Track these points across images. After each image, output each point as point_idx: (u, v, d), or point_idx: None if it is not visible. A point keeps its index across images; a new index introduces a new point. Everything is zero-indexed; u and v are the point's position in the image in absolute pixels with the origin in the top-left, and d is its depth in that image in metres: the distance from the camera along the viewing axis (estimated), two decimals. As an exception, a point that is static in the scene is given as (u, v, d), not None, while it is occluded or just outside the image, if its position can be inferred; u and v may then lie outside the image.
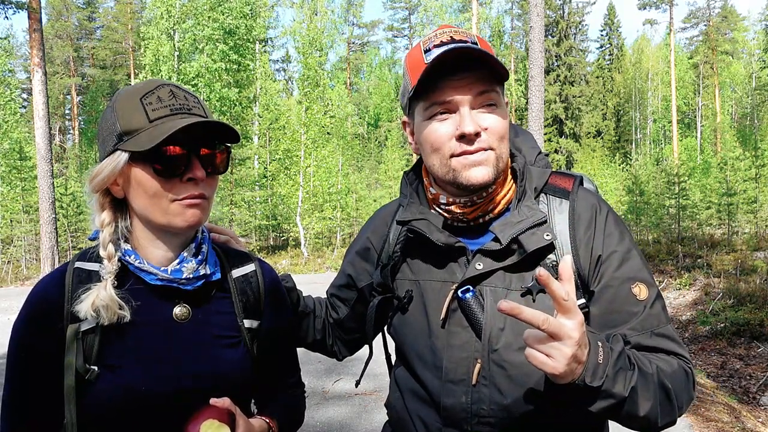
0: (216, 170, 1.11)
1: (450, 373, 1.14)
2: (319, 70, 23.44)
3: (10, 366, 1.11)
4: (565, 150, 41.29)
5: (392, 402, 1.31)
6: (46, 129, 15.39)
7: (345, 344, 1.49)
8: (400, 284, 1.26)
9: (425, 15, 37.93)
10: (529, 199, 1.18)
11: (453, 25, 1.19)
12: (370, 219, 1.45)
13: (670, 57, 39.50)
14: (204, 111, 1.09)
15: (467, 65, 1.09)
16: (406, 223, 1.22)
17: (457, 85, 1.10)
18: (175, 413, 1.04)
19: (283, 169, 25.22)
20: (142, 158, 1.05)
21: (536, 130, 12.04)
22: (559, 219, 1.17)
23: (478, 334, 1.13)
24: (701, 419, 4.35)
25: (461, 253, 1.18)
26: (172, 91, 1.07)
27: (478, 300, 1.14)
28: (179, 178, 1.06)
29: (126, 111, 1.06)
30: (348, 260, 1.44)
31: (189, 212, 1.07)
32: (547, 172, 1.23)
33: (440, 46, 1.12)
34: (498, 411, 1.11)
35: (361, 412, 4.55)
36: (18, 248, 21.45)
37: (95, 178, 1.08)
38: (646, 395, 1.01)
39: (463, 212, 1.19)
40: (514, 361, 1.10)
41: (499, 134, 1.13)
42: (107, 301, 1.04)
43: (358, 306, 1.40)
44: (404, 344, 1.25)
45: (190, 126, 1.02)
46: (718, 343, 6.78)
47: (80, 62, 47.50)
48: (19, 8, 16.75)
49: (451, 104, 1.11)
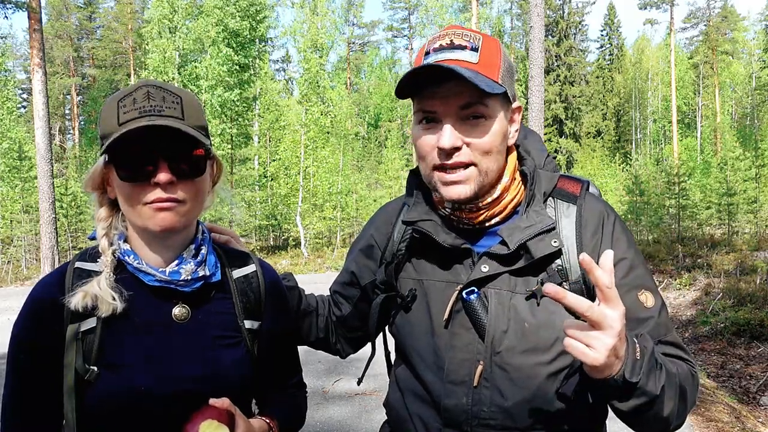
0: (186, 174, 1.07)
1: (452, 374, 1.14)
2: (319, 70, 23.44)
3: (9, 366, 1.11)
4: (565, 150, 41.29)
5: (391, 402, 1.31)
6: (46, 129, 15.39)
7: (348, 342, 1.49)
8: (404, 283, 1.26)
9: (425, 15, 37.96)
10: (537, 204, 1.17)
11: (460, 26, 1.16)
12: (373, 216, 1.44)
13: (670, 57, 39.51)
14: (182, 112, 1.05)
15: (451, 76, 1.06)
16: (412, 223, 1.22)
17: (440, 96, 1.09)
18: (175, 413, 1.04)
19: (283, 169, 25.21)
20: (111, 162, 1.06)
21: (536, 130, 12.03)
22: (566, 223, 1.16)
23: (482, 335, 1.12)
24: (701, 419, 4.35)
25: (466, 254, 1.18)
26: (148, 92, 1.05)
27: (482, 302, 1.13)
28: (147, 181, 1.04)
29: (105, 114, 1.06)
30: (351, 257, 1.43)
31: (159, 216, 1.05)
32: (555, 176, 1.22)
33: (438, 50, 1.11)
34: (498, 413, 1.11)
35: (361, 412, 4.55)
36: (18, 248, 21.44)
37: (87, 178, 1.12)
38: (671, 395, 1.02)
39: (469, 217, 1.18)
40: (517, 363, 1.10)
41: (483, 149, 1.10)
42: (100, 291, 1.04)
43: (361, 304, 1.39)
44: (406, 343, 1.25)
45: (152, 128, 1.00)
46: (718, 343, 6.78)
47: (80, 62, 47.51)
48: (19, 8, 16.75)
49: (436, 115, 1.11)
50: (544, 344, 1.11)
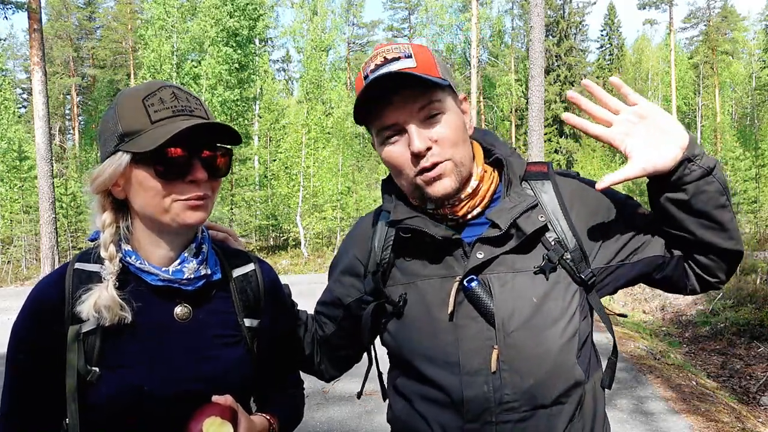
0: (218, 172, 1.12)
1: (467, 365, 1.13)
2: (320, 70, 23.44)
3: (9, 366, 1.11)
4: (565, 150, 41.27)
5: (397, 413, 1.27)
6: (46, 129, 15.39)
7: (332, 362, 1.46)
8: (392, 291, 1.25)
9: (425, 15, 37.96)
10: (516, 186, 1.22)
11: (385, 43, 1.21)
12: (348, 236, 1.43)
13: (670, 57, 39.52)
14: (206, 112, 1.10)
15: (401, 83, 1.11)
16: (400, 222, 1.22)
17: (396, 107, 1.13)
18: (176, 414, 1.04)
19: (283, 169, 25.22)
20: (144, 159, 1.05)
21: (536, 130, 12.04)
22: (546, 198, 1.21)
23: (489, 321, 1.13)
24: (701, 419, 4.35)
25: (456, 246, 1.19)
26: (174, 92, 1.08)
27: (484, 288, 1.14)
28: (181, 180, 1.06)
29: (128, 112, 1.06)
30: (334, 278, 1.42)
31: (191, 212, 1.08)
32: (524, 162, 1.27)
33: (375, 70, 1.14)
34: (521, 394, 1.11)
35: (361, 413, 4.55)
36: (18, 248, 21.46)
37: (97, 179, 1.08)
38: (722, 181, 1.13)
39: (452, 211, 1.21)
40: (531, 340, 1.12)
41: (450, 142, 1.14)
42: (109, 302, 1.04)
43: (345, 322, 1.38)
44: (405, 349, 1.22)
45: (191, 128, 1.03)
46: (719, 343, 6.79)
47: (80, 62, 47.49)
48: (19, 8, 16.77)
49: (398, 126, 1.14)
50: (554, 315, 1.14)
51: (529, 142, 12.23)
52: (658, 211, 1.18)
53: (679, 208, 1.13)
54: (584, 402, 1.17)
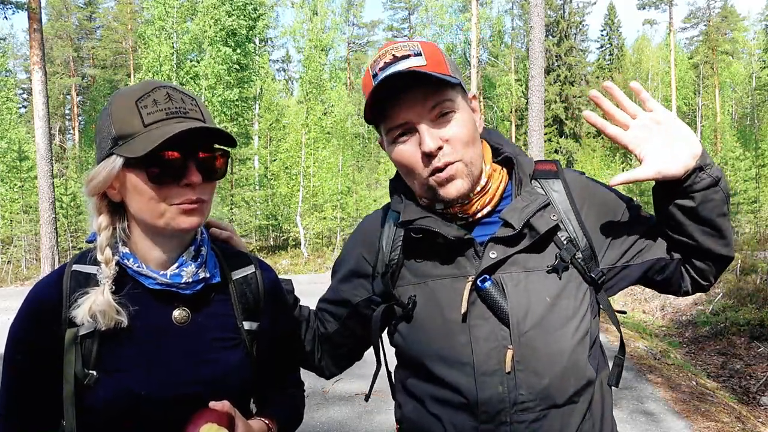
0: (214, 175, 1.10)
1: (481, 366, 1.12)
2: (320, 70, 23.44)
3: (7, 367, 1.10)
4: (566, 150, 41.27)
5: (407, 414, 1.26)
6: (46, 129, 15.38)
7: (333, 359, 1.45)
8: (402, 291, 1.23)
9: (425, 15, 37.94)
10: (527, 185, 1.22)
11: (393, 41, 1.20)
12: (355, 234, 1.41)
13: (670, 57, 39.49)
14: (201, 114, 1.07)
15: (412, 81, 1.10)
16: (411, 222, 1.20)
17: (406, 105, 1.12)
18: (174, 418, 1.04)
19: (283, 169, 25.22)
20: (138, 163, 1.03)
21: (536, 130, 12.03)
22: (557, 197, 1.21)
23: (503, 321, 1.13)
24: (701, 419, 4.35)
25: (468, 246, 1.18)
26: (168, 93, 1.05)
27: (497, 287, 1.14)
28: (176, 183, 1.04)
29: (121, 114, 1.04)
30: (339, 277, 1.40)
31: (185, 217, 1.06)
32: (532, 161, 1.27)
33: (384, 68, 1.13)
34: (536, 394, 1.11)
35: (361, 413, 4.54)
36: (18, 248, 21.46)
37: (92, 182, 1.07)
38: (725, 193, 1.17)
39: (462, 209, 1.20)
40: (546, 339, 1.12)
41: (462, 141, 1.14)
42: (104, 307, 1.03)
43: (350, 321, 1.37)
44: (416, 349, 1.21)
45: (187, 130, 1.01)
46: (718, 343, 6.78)
47: (80, 62, 47.48)
48: (19, 8, 16.76)
49: (408, 125, 1.13)
50: (567, 314, 1.14)
51: (529, 142, 12.23)
52: (663, 215, 1.19)
53: (685, 214, 1.14)
54: (594, 400, 1.17)
